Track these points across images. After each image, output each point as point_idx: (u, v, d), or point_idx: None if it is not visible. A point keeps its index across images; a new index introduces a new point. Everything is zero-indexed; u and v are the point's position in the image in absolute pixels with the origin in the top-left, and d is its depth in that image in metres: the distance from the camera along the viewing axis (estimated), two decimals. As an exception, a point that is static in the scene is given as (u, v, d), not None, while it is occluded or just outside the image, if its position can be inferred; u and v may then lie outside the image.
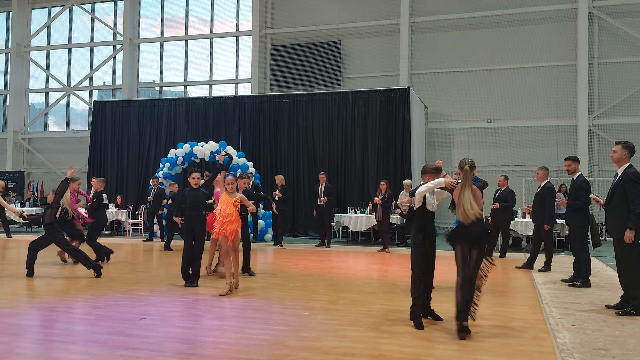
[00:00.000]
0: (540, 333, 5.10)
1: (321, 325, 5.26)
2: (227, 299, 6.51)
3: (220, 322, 5.39)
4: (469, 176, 5.09)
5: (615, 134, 16.00)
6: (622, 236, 5.84)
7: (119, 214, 15.72)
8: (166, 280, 7.87)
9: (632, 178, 5.88)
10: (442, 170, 5.54)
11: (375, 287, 7.48)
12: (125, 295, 6.67)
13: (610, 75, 16.67)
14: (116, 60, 22.29)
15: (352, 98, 15.59)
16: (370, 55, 18.80)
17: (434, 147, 17.87)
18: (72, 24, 23.07)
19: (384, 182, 12.31)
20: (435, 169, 5.46)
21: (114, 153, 17.65)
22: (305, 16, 19.58)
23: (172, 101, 17.61)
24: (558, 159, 16.10)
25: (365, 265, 9.95)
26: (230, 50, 21.23)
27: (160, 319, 5.51)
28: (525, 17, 17.34)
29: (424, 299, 5.43)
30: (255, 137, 16.35)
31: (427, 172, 5.47)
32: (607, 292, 7.22)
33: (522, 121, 17.23)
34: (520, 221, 12.25)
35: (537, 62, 17.21)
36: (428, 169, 5.50)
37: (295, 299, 6.52)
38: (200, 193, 7.43)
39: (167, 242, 12.09)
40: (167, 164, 14.67)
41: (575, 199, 7.78)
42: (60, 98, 22.77)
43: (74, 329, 5.13)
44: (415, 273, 5.36)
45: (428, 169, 5.49)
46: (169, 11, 22.09)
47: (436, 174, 5.44)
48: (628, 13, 16.52)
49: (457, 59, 17.92)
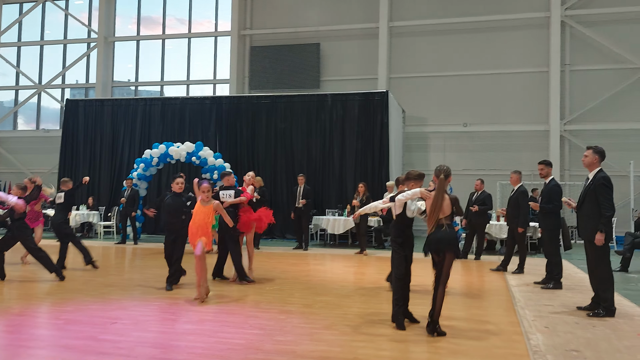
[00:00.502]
0: (514, 335, 5.15)
1: (297, 329, 5.22)
2: (201, 303, 6.41)
3: (194, 326, 5.31)
4: (443, 185, 5.14)
5: (586, 140, 16.32)
6: (593, 239, 5.94)
7: (91, 216, 15.42)
8: (139, 283, 7.73)
9: (603, 182, 6.00)
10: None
11: (352, 290, 7.47)
12: (95, 299, 6.52)
13: (581, 83, 17.03)
14: (90, 58, 21.89)
15: (331, 100, 15.59)
16: (349, 58, 18.84)
17: (410, 151, 17.99)
18: (45, 21, 22.58)
19: (362, 184, 12.33)
20: (419, 175, 5.51)
21: (86, 153, 17.31)
22: (285, 18, 19.52)
23: (147, 101, 17.35)
24: (531, 163, 16.30)
25: (342, 268, 9.94)
26: (209, 50, 21.05)
27: (132, 323, 5.39)
28: (500, 25, 17.61)
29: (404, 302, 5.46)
30: (233, 138, 16.22)
31: (411, 179, 5.51)
32: (578, 294, 7.34)
33: (496, 126, 17.47)
34: (494, 224, 12.40)
35: (512, 69, 17.47)
36: (412, 175, 5.53)
37: (270, 303, 6.47)
38: (180, 199, 7.30)
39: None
40: (141, 164, 14.45)
41: (547, 203, 7.90)
42: (30, 96, 22.24)
43: (41, 334, 5.00)
44: (395, 275, 5.42)
45: (412, 176, 5.53)
46: (146, 9, 21.80)
47: (420, 180, 5.49)
48: (598, 22, 16.90)
49: (434, 64, 18.09)
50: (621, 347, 4.80)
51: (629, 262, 9.79)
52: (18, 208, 7.62)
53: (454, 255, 5.10)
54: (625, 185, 15.50)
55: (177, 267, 7.33)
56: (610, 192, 5.97)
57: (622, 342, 4.96)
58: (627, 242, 9.92)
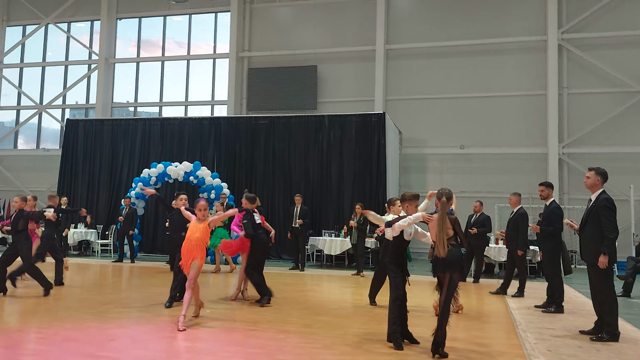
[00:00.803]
0: (517, 358, 5.09)
1: (297, 349, 5.16)
2: (200, 321, 6.33)
3: (193, 344, 5.23)
4: (445, 207, 5.17)
5: (584, 163, 16.39)
6: (596, 261, 5.90)
7: (89, 234, 15.34)
8: (137, 302, 7.64)
9: (606, 204, 5.98)
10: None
11: (351, 311, 7.40)
12: (93, 317, 6.44)
13: (579, 106, 17.16)
14: (90, 79, 22.01)
15: (328, 121, 15.68)
16: (346, 80, 19.00)
17: (408, 172, 18.02)
18: (47, 42, 22.76)
19: (359, 205, 12.32)
20: (414, 196, 5.56)
21: (85, 172, 17.29)
22: (282, 40, 19.73)
23: (146, 121, 17.42)
24: (529, 186, 16.37)
25: (339, 288, 9.86)
26: (207, 72, 21.19)
27: (131, 341, 5.32)
28: (497, 48, 17.81)
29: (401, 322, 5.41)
30: (231, 159, 16.24)
31: (406, 200, 5.56)
32: (580, 318, 7.28)
33: (494, 148, 17.53)
34: (493, 247, 12.35)
35: (509, 91, 17.61)
36: (407, 196, 5.59)
37: (269, 322, 6.39)
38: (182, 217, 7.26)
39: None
40: (139, 183, 14.43)
41: (548, 225, 7.87)
42: (31, 116, 22.30)
43: (40, 350, 4.91)
44: (396, 296, 5.37)
45: (407, 197, 5.58)
46: (146, 33, 22.01)
47: (415, 200, 5.54)
48: (595, 46, 17.12)
49: (431, 86, 18.23)
50: (625, 369, 4.75)
51: (631, 287, 9.73)
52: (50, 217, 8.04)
53: (459, 276, 5.12)
54: (625, 209, 15.47)
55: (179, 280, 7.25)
56: (614, 214, 5.94)
57: (626, 364, 4.90)
58: (629, 267, 9.88)
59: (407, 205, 5.53)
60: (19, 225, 7.88)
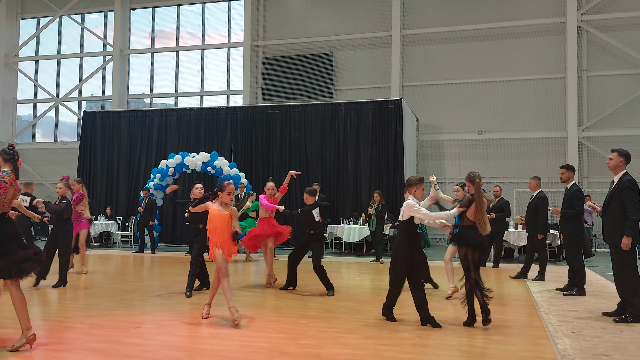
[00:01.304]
0: (540, 339, 5.08)
1: (320, 333, 5.20)
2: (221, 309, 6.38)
3: (218, 330, 5.30)
4: (480, 189, 5.60)
5: (604, 146, 16.17)
6: (619, 243, 5.85)
7: (109, 226, 15.53)
8: (159, 290, 7.75)
9: (629, 185, 5.91)
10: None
11: (372, 296, 7.42)
12: (118, 305, 6.54)
13: (598, 88, 16.88)
14: (106, 71, 22.16)
15: (345, 109, 15.62)
16: (362, 67, 18.89)
17: (425, 159, 17.93)
18: (62, 35, 22.94)
19: (378, 192, 12.29)
20: (420, 179, 5.78)
21: (103, 164, 17.48)
22: (297, 28, 19.65)
23: (163, 112, 17.52)
24: (548, 170, 16.22)
25: (359, 275, 9.88)
26: (222, 61, 21.21)
27: (156, 327, 5.40)
28: (515, 31, 17.56)
29: (424, 306, 5.56)
30: (248, 148, 16.30)
31: (413, 185, 5.74)
32: (602, 300, 7.22)
33: (512, 133, 17.35)
34: (512, 232, 12.28)
35: (527, 75, 17.37)
36: (414, 181, 5.76)
37: (291, 308, 6.44)
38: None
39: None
40: (158, 174, 14.54)
41: (569, 208, 7.81)
42: (48, 109, 22.55)
43: (67, 338, 5.01)
44: (395, 276, 5.66)
45: (414, 182, 5.76)
46: (159, 24, 22.06)
47: (421, 184, 5.76)
48: (615, 27, 16.79)
49: (447, 72, 18.06)
50: (651, 350, 4.71)
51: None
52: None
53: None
54: (645, 192, 15.26)
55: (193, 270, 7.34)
56: (637, 195, 5.87)
57: (652, 346, 4.86)
58: (650, 248, 9.76)
59: (414, 190, 5.70)
60: (65, 212, 7.81)
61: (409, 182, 5.77)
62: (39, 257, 4.56)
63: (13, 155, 4.67)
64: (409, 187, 5.76)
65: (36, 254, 4.54)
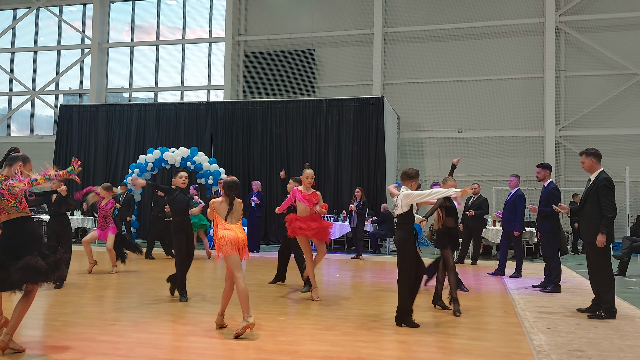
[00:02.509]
0: (516, 335, 5.13)
1: (298, 330, 5.18)
2: (199, 305, 6.33)
3: (195, 328, 5.24)
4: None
5: (581, 145, 16.36)
6: (595, 240, 5.93)
7: (85, 221, 15.28)
8: (136, 287, 7.65)
9: (605, 183, 5.99)
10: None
11: (351, 293, 7.43)
12: (93, 302, 6.44)
13: (575, 88, 17.13)
14: (84, 64, 21.80)
15: (326, 106, 15.60)
16: (343, 64, 18.88)
17: (405, 156, 18.00)
18: (39, 27, 22.49)
19: (359, 189, 12.31)
20: (417, 173, 5.74)
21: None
22: (279, 24, 19.55)
23: (142, 106, 17.28)
24: (526, 168, 16.39)
25: (339, 272, 9.89)
26: (203, 56, 21.02)
27: (132, 324, 5.32)
28: (495, 30, 17.71)
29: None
30: (228, 144, 16.17)
31: (413, 178, 5.68)
32: (577, 296, 7.33)
33: (491, 132, 17.51)
34: (491, 229, 12.40)
35: (506, 74, 17.55)
36: (412, 174, 5.69)
37: (270, 305, 6.41)
38: (185, 196, 6.86)
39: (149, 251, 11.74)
40: (136, 169, 14.35)
41: (546, 206, 7.90)
42: (24, 102, 22.12)
43: (39, 335, 4.91)
44: (404, 273, 5.41)
45: (412, 174, 5.69)
46: (140, 17, 21.75)
47: (417, 178, 5.72)
48: (593, 28, 17.04)
49: (428, 70, 18.15)
50: (624, 346, 4.79)
51: (627, 266, 9.83)
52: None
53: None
54: (621, 191, 15.52)
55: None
56: (612, 193, 5.96)
57: (625, 342, 4.94)
58: (624, 247, 9.97)
59: (413, 184, 5.66)
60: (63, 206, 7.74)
61: (409, 174, 5.67)
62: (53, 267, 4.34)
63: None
64: (410, 179, 5.64)
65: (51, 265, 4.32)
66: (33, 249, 4.31)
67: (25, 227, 4.39)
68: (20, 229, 4.34)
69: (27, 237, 4.34)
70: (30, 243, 4.33)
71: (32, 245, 4.33)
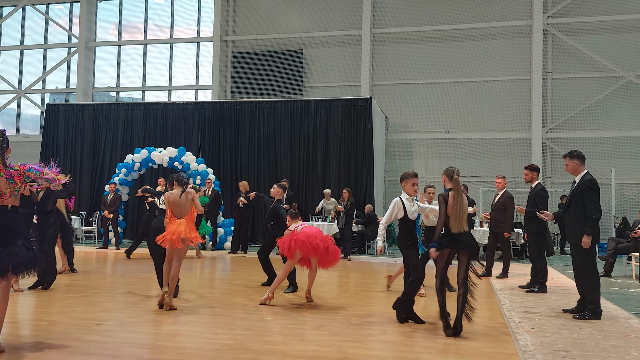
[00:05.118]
0: (503, 336, 5.16)
1: (285, 330, 5.17)
2: (186, 306, 6.30)
3: (181, 328, 5.21)
4: (459, 185, 5.36)
5: (567, 147, 16.44)
6: (580, 242, 5.99)
7: (72, 221, 15.12)
8: (123, 287, 7.59)
9: (589, 185, 6.05)
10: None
11: (338, 293, 7.43)
12: (79, 302, 6.37)
13: (562, 91, 17.30)
14: (70, 63, 21.61)
15: (315, 106, 15.61)
16: (332, 64, 18.90)
17: (393, 157, 18.05)
18: (25, 25, 22.25)
19: (347, 190, 12.32)
20: (415, 174, 5.82)
21: (66, 158, 17.01)
22: (267, 24, 19.53)
23: (129, 106, 17.16)
24: (513, 170, 16.52)
25: (326, 272, 9.87)
26: (191, 56, 20.93)
27: (118, 324, 5.28)
28: (483, 32, 17.84)
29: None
30: (215, 144, 16.12)
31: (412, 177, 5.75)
32: (563, 297, 7.39)
33: (478, 133, 17.63)
34: (478, 230, 12.47)
35: (494, 76, 17.68)
36: (411, 174, 5.79)
37: (257, 305, 6.39)
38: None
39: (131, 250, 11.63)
40: (123, 169, 14.27)
41: (533, 207, 7.95)
42: (10, 101, 21.87)
43: (26, 335, 4.85)
44: (415, 276, 5.52)
45: (412, 174, 5.79)
46: (127, 16, 21.62)
47: (416, 178, 5.78)
48: (580, 31, 17.22)
49: (417, 71, 18.23)
50: (608, 346, 4.84)
51: (612, 267, 9.93)
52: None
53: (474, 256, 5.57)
54: (606, 192, 15.70)
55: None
56: (597, 195, 6.01)
57: (609, 342, 4.99)
58: (610, 248, 10.08)
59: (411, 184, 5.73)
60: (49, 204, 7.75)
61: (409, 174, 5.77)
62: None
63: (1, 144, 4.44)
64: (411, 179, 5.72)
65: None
66: (20, 238, 4.29)
67: (17, 216, 4.37)
68: (12, 217, 4.32)
69: (16, 227, 4.32)
70: (17, 233, 4.31)
71: (19, 235, 4.32)
